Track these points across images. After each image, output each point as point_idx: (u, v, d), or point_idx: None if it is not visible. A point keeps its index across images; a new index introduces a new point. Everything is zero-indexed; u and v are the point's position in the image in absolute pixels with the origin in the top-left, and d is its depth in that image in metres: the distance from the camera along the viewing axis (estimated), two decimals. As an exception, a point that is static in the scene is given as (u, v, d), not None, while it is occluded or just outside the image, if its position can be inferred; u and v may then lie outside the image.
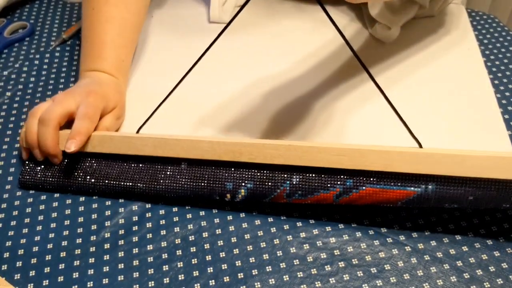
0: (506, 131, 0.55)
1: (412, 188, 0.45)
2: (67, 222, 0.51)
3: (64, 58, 0.71)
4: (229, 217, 0.50)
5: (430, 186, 0.44)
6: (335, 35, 0.71)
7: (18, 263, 0.48)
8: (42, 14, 0.79)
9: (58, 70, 0.69)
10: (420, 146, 0.44)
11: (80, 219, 0.51)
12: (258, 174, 0.48)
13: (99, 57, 0.58)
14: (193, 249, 0.48)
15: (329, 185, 0.46)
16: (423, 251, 0.46)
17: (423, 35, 0.68)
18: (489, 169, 0.42)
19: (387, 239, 0.47)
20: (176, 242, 0.48)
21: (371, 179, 0.45)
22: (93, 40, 0.59)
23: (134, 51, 0.64)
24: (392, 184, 0.45)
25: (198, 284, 0.45)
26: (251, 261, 0.46)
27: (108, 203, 0.52)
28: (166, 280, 0.46)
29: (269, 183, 0.48)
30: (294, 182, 0.47)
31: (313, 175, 0.47)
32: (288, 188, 0.47)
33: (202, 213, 0.51)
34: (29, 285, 0.46)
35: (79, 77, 0.59)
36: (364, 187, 0.45)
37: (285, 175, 0.47)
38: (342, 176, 0.46)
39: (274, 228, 0.49)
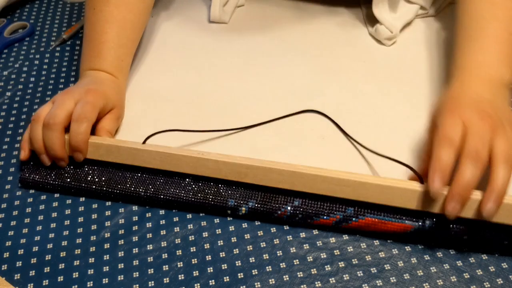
0: (506, 131, 0.55)
1: (410, 222, 0.46)
2: (67, 222, 0.51)
3: (64, 58, 0.71)
4: (229, 217, 0.50)
5: (427, 222, 0.46)
6: (337, 36, 0.71)
7: (18, 263, 0.48)
8: (42, 14, 0.79)
9: (58, 70, 0.69)
10: (422, 182, 0.46)
11: (80, 219, 0.51)
12: (261, 194, 0.49)
13: (98, 57, 0.59)
14: (193, 249, 0.48)
15: (329, 211, 0.47)
16: (423, 250, 0.46)
17: (423, 35, 0.68)
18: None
19: (387, 239, 0.47)
20: (176, 242, 0.48)
21: (372, 209, 0.47)
22: (93, 39, 0.59)
23: (135, 51, 0.64)
24: (391, 216, 0.46)
25: (198, 284, 0.45)
26: (251, 261, 0.46)
27: (108, 203, 0.52)
28: (166, 280, 0.46)
29: (271, 204, 0.48)
30: (295, 206, 0.48)
31: (315, 200, 0.48)
32: (289, 211, 0.48)
33: (202, 213, 0.51)
34: (29, 285, 0.46)
35: (79, 76, 0.59)
36: (364, 217, 0.47)
37: (287, 198, 0.49)
38: (343, 204, 0.48)
39: (274, 228, 0.49)
